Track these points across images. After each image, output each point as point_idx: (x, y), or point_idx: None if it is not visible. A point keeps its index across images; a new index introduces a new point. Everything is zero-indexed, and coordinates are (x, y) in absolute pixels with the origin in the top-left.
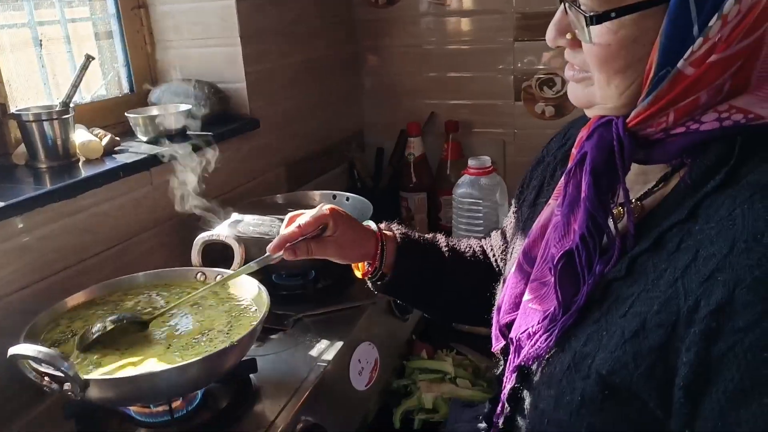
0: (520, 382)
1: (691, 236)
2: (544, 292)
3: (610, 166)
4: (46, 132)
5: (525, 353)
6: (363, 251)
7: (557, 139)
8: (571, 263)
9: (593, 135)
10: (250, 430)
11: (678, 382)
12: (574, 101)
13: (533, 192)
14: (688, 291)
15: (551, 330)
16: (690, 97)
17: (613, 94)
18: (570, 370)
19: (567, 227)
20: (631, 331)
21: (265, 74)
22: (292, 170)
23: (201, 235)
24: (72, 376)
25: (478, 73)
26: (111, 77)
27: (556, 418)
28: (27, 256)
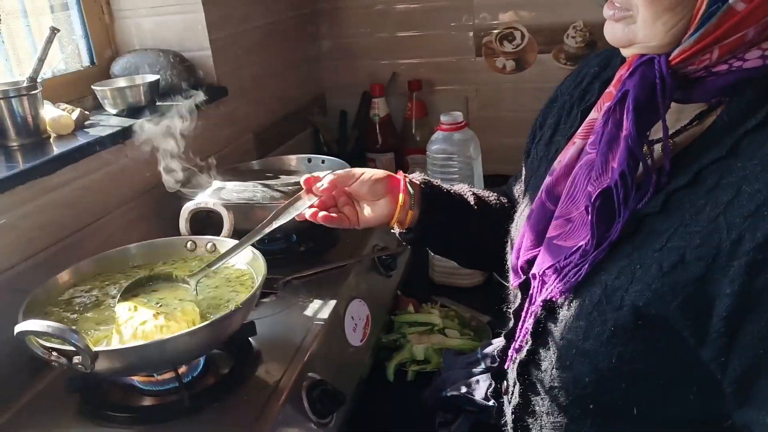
0: (545, 315)
1: (732, 173)
2: (570, 228)
3: (651, 104)
4: (15, 109)
5: (552, 287)
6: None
7: (571, 78)
8: (607, 200)
9: (635, 73)
10: (257, 391)
11: (718, 313)
12: (612, 40)
13: (549, 130)
14: (731, 225)
15: (581, 264)
16: (738, 33)
17: (659, 32)
18: (601, 303)
19: (605, 165)
20: (669, 264)
21: (228, 40)
22: (259, 137)
23: (188, 203)
24: (83, 348)
25: (437, 31)
26: (70, 50)
27: (585, 348)
28: (10, 235)
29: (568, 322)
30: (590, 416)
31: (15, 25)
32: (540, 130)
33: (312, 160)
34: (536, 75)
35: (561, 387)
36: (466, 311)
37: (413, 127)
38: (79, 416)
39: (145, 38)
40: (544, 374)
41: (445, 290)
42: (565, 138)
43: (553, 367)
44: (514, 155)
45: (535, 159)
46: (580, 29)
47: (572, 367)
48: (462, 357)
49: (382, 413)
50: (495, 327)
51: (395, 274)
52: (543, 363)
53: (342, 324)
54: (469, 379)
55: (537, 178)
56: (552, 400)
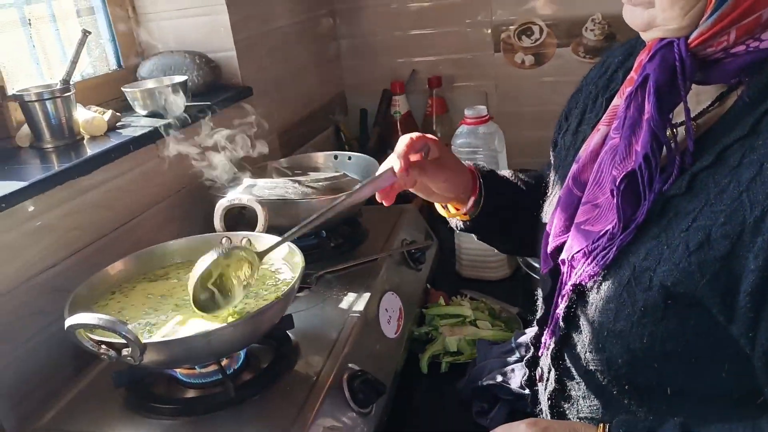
0: (576, 299)
1: (754, 151)
2: (597, 213)
3: (672, 86)
4: (49, 111)
5: (582, 271)
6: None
7: (596, 69)
8: (632, 184)
9: (655, 57)
10: (298, 383)
11: (744, 289)
12: (631, 24)
13: (576, 120)
14: (754, 202)
15: (609, 247)
16: (754, 14)
17: (677, 15)
18: (630, 284)
19: (628, 149)
20: (696, 243)
21: (252, 41)
22: (283, 137)
23: (221, 200)
24: (133, 340)
25: (455, 28)
26: (98, 54)
27: (617, 329)
28: (50, 235)
29: (599, 305)
30: (626, 397)
31: (44, 30)
32: (566, 121)
33: (338, 157)
34: (555, 69)
35: (595, 370)
36: (495, 303)
37: (434, 124)
38: (126, 409)
39: (170, 40)
40: (578, 358)
41: (472, 283)
42: (591, 127)
43: (587, 351)
44: (535, 149)
45: (563, 149)
46: (599, 22)
47: (605, 349)
48: (496, 346)
49: (419, 404)
50: (525, 318)
51: (424, 268)
52: (576, 347)
53: (377, 316)
54: (504, 368)
55: (565, 167)
56: (587, 383)
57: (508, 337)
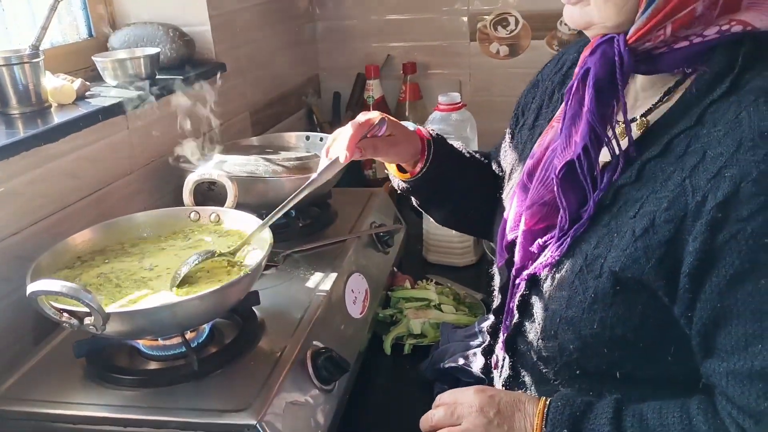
0: (529, 289)
1: (698, 140)
2: (546, 211)
3: (611, 80)
4: (17, 76)
5: (536, 263)
6: (413, 149)
7: (552, 64)
8: (572, 174)
9: (596, 51)
10: (262, 359)
11: (684, 270)
12: (571, 23)
13: (532, 114)
14: (696, 188)
15: (563, 239)
16: (687, 8)
17: (612, 13)
18: (582, 272)
19: (568, 140)
20: (641, 228)
21: (227, 17)
22: (255, 116)
23: (191, 175)
24: (96, 308)
25: (431, 15)
26: (68, 22)
27: (568, 316)
28: (14, 201)
29: (552, 293)
30: (577, 382)
31: None
32: (523, 116)
33: (310, 138)
34: (529, 60)
35: (548, 356)
36: (460, 288)
37: (407, 110)
38: (86, 380)
39: (143, 12)
40: (531, 346)
41: (438, 269)
42: (547, 121)
43: (539, 338)
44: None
45: (519, 143)
46: None
47: (557, 335)
48: (460, 330)
49: (381, 384)
50: (488, 304)
51: (391, 251)
52: (529, 335)
53: (343, 296)
54: (466, 352)
55: (521, 160)
56: (540, 369)
57: (472, 321)
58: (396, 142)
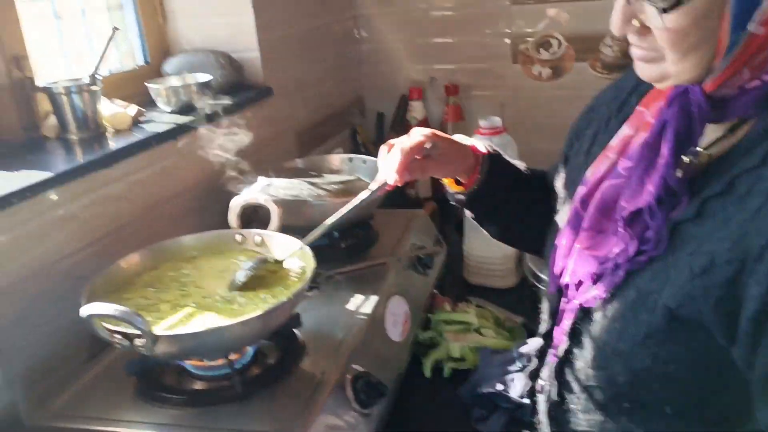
0: (580, 318)
1: (762, 181)
2: (601, 239)
3: (688, 131)
4: (76, 104)
5: (588, 293)
6: (466, 165)
7: (610, 91)
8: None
9: (672, 104)
10: (303, 381)
11: (746, 314)
12: (644, 77)
13: (587, 141)
14: (760, 230)
15: (616, 272)
16: (763, 53)
17: (688, 67)
18: (635, 305)
19: (641, 186)
20: (700, 267)
21: (275, 42)
22: (300, 137)
23: (237, 198)
24: (146, 331)
25: (474, 38)
26: (125, 49)
27: (620, 348)
28: (72, 224)
29: (603, 324)
30: (625, 414)
31: (74, 24)
32: (578, 141)
33: (353, 160)
34: (572, 83)
35: (596, 386)
36: (500, 312)
37: (449, 131)
38: (136, 398)
39: (196, 38)
40: (579, 373)
41: (479, 290)
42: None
43: (589, 367)
44: (548, 161)
45: (574, 168)
46: (617, 39)
47: (607, 366)
48: (499, 355)
49: (420, 408)
50: (529, 328)
51: (432, 273)
52: (578, 362)
53: (383, 319)
54: (504, 377)
55: (575, 185)
56: (587, 398)
57: (511, 346)
58: (446, 162)
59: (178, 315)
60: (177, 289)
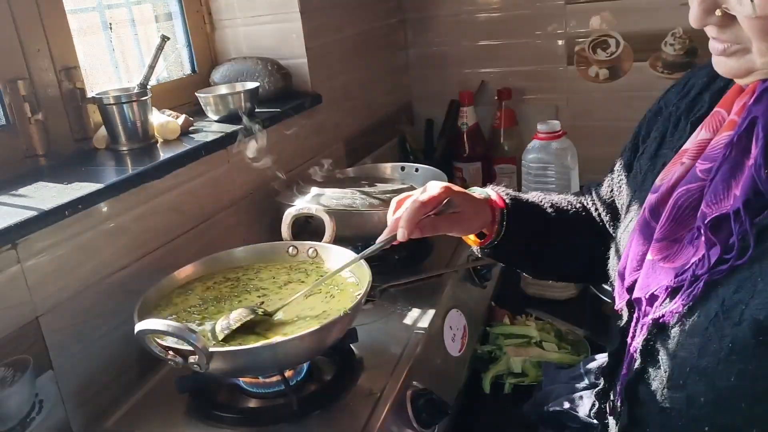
0: (655, 334)
1: None
2: (676, 249)
3: None
4: (126, 114)
5: (663, 308)
6: (481, 221)
7: (676, 89)
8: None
9: (762, 99)
10: (361, 399)
11: None
12: (726, 74)
13: (654, 143)
14: None
15: (695, 284)
16: None
17: None
18: (718, 318)
19: (726, 191)
20: None
21: (323, 49)
22: (349, 145)
23: (289, 209)
24: (200, 348)
25: (526, 39)
26: (173, 59)
27: (701, 365)
28: (124, 237)
29: (681, 340)
30: None
31: (124, 34)
32: (643, 144)
33: (405, 168)
34: (631, 83)
35: (673, 407)
36: (561, 324)
37: (501, 137)
38: (189, 416)
39: (243, 46)
40: (655, 394)
41: (537, 302)
42: (673, 150)
43: (665, 387)
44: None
45: (639, 173)
46: (679, 36)
47: (686, 386)
48: (564, 371)
49: (481, 426)
50: (592, 341)
51: (489, 285)
52: (653, 383)
53: (441, 333)
54: (572, 395)
55: (641, 192)
56: (663, 421)
57: (575, 360)
58: (460, 220)
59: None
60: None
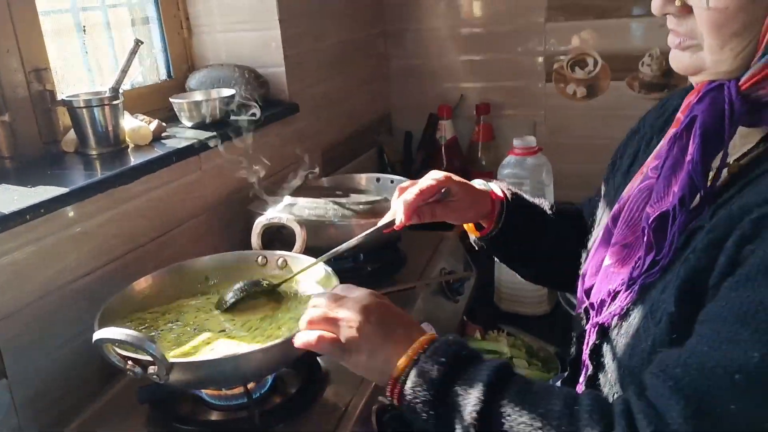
0: (600, 338)
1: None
2: (626, 254)
3: (718, 130)
4: (96, 118)
5: (606, 311)
6: (479, 211)
7: (654, 111)
8: (664, 223)
9: (704, 99)
10: (326, 413)
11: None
12: (679, 69)
13: (628, 160)
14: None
15: (632, 286)
16: None
17: (727, 58)
18: (647, 319)
19: (666, 189)
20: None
21: (301, 58)
22: (326, 155)
23: (260, 218)
24: (159, 358)
25: (506, 55)
26: (149, 63)
27: (632, 366)
28: (88, 242)
29: (619, 342)
30: None
31: (98, 37)
32: (620, 159)
33: (381, 180)
34: (608, 102)
35: None
36: (533, 340)
37: (479, 151)
38: (148, 426)
39: (221, 53)
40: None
41: (510, 318)
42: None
43: (612, 392)
44: (583, 182)
45: (612, 189)
46: (657, 57)
47: (624, 387)
48: None
49: None
50: (562, 358)
51: (461, 299)
52: (604, 389)
53: None
54: None
55: (611, 205)
56: None
57: (545, 377)
58: (459, 209)
59: (195, 341)
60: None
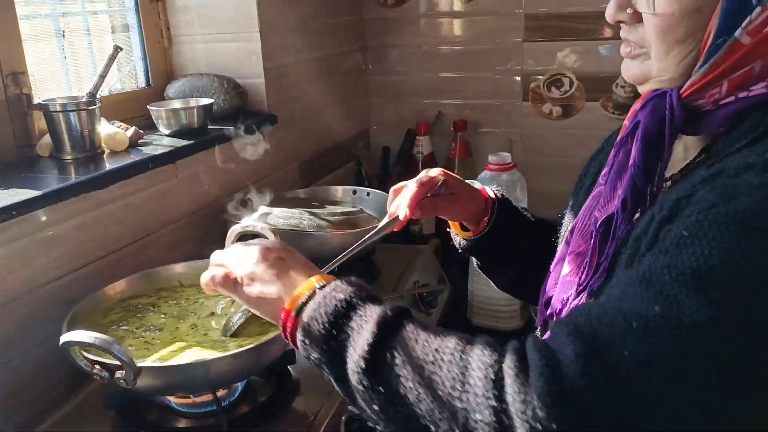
0: None
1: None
2: (579, 261)
3: (660, 136)
4: (72, 123)
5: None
6: (476, 207)
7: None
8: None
9: (647, 105)
10: (295, 422)
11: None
12: (628, 78)
13: (590, 179)
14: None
15: (580, 295)
16: (745, 67)
17: (671, 65)
18: None
19: (612, 193)
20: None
21: (281, 70)
22: (303, 167)
23: (234, 226)
24: (127, 362)
25: (485, 73)
26: (128, 71)
27: None
28: (62, 246)
29: None
30: None
31: (77, 43)
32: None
33: (357, 192)
34: (583, 122)
35: None
36: None
37: (456, 167)
38: None
39: (201, 63)
40: None
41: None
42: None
43: None
44: (557, 200)
45: (576, 206)
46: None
47: None
48: None
49: None
50: None
51: (435, 312)
52: None
53: None
54: None
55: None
56: None
57: None
58: (458, 201)
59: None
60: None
